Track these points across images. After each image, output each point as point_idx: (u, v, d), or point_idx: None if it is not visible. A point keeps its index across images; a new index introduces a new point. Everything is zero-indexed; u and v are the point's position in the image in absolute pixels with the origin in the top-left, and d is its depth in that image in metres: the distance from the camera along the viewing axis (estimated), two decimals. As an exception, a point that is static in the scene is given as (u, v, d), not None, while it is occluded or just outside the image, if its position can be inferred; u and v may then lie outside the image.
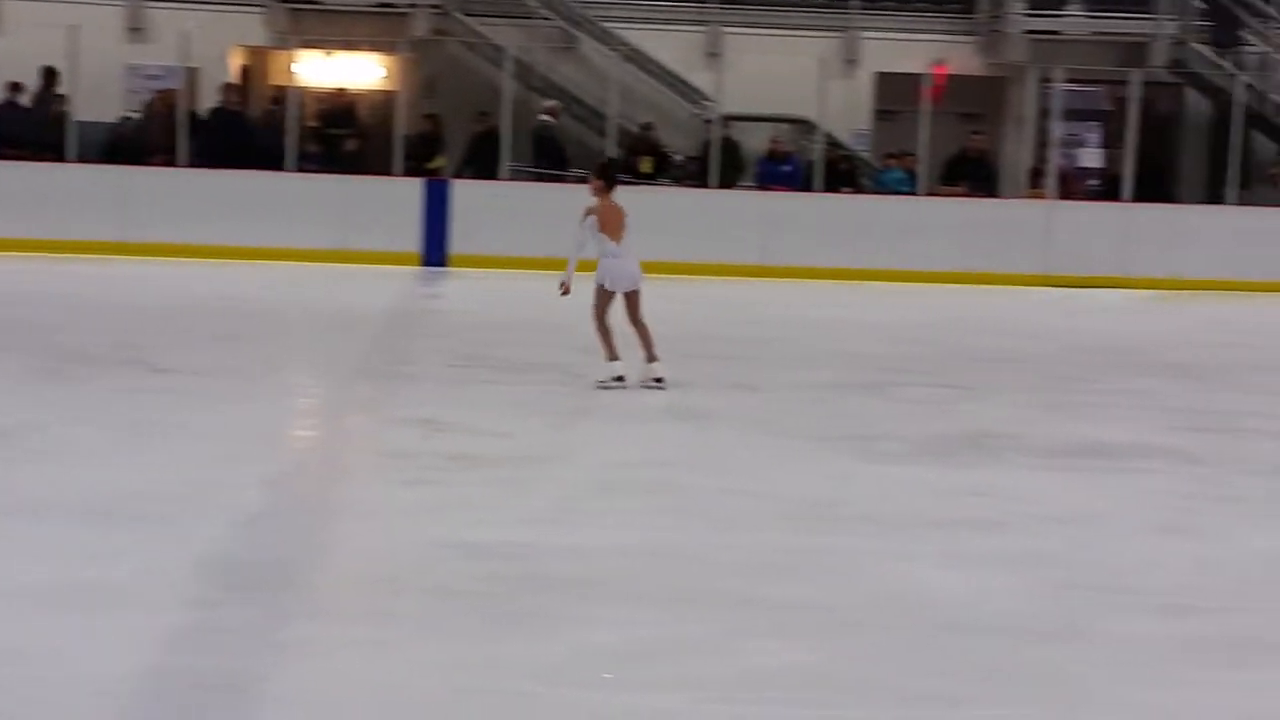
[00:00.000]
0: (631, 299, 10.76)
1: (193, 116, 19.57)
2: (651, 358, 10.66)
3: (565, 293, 10.74)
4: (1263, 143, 21.98)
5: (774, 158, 20.39)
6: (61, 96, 19.66)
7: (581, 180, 10.75)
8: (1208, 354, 14.13)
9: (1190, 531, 7.41)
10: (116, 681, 4.83)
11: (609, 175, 11.01)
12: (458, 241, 19.06)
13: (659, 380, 10.57)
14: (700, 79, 21.62)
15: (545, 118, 20.14)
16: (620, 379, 10.54)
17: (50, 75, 19.78)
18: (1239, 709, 5.05)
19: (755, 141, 21.05)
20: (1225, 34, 21.63)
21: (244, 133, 19.85)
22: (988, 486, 8.15)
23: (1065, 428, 9.94)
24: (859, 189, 20.72)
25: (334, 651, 5.22)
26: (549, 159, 19.85)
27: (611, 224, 10.68)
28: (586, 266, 10.79)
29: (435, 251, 19.02)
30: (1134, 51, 21.43)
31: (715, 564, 6.48)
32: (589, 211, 10.79)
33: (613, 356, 10.62)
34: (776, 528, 7.17)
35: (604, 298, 10.76)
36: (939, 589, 6.23)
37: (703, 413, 10.03)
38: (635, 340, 10.71)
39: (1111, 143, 22.57)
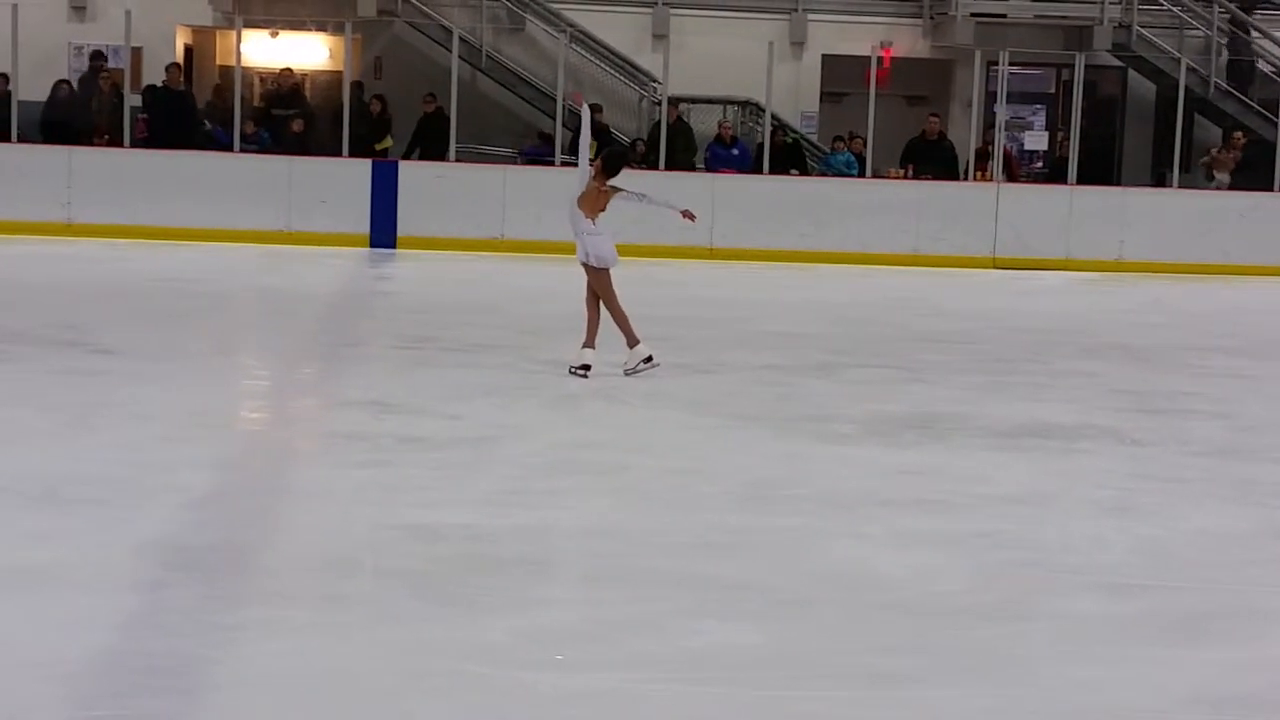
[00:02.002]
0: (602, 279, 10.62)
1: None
2: (588, 344, 10.53)
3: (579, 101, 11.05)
4: (1205, 126, 22.17)
5: (721, 142, 20.41)
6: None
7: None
8: (1151, 336, 14.26)
9: (1133, 511, 7.48)
10: (62, 665, 4.80)
11: (611, 164, 10.70)
12: (406, 223, 18.98)
13: (585, 369, 10.40)
14: (648, 61, 21.61)
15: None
16: (649, 359, 10.44)
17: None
18: (1181, 685, 5.12)
19: (704, 124, 21.08)
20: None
21: (188, 113, 19.72)
22: (934, 467, 8.20)
23: (1011, 409, 10.01)
24: (806, 171, 20.78)
25: (284, 634, 5.21)
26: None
27: (590, 203, 10.53)
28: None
29: (383, 233, 18.94)
30: (1078, 34, 21.57)
31: (664, 544, 6.51)
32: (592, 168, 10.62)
33: (634, 340, 10.47)
34: (725, 508, 7.20)
35: (603, 278, 10.51)
36: (885, 569, 6.27)
37: (651, 394, 10.04)
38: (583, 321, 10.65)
39: (1056, 125, 22.74)
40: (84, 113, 19.62)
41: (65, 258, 16.75)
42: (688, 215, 11.05)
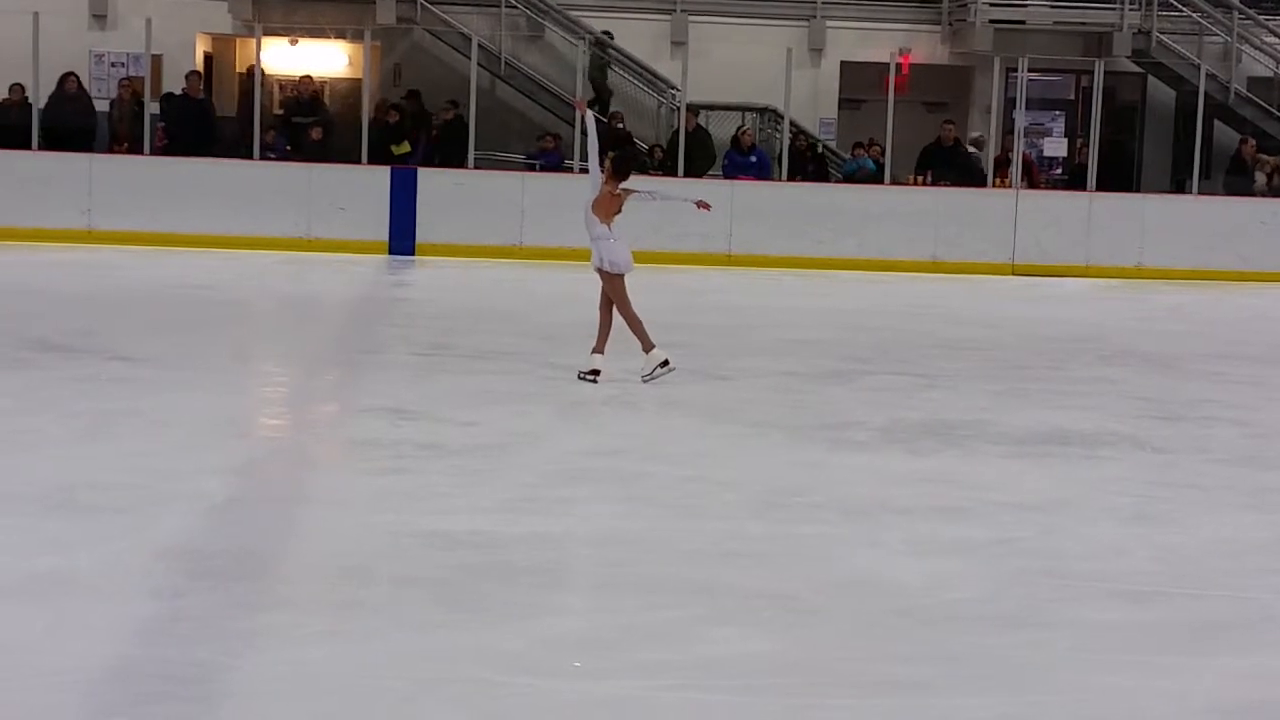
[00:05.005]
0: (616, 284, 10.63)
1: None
2: (598, 349, 10.52)
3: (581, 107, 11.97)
4: (1224, 131, 22.12)
5: (740, 149, 20.40)
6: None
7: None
8: (1170, 343, 14.23)
9: (1152, 519, 7.46)
10: (80, 672, 4.81)
11: (620, 166, 10.72)
12: (424, 230, 19.02)
13: (594, 374, 10.41)
14: (666, 68, 21.63)
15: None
16: (665, 363, 10.42)
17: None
18: (1200, 693, 5.10)
19: (722, 131, 21.08)
20: None
21: (208, 120, 19.79)
22: (952, 474, 8.19)
23: (1029, 416, 9.99)
24: (825, 178, 20.76)
25: (299, 641, 5.22)
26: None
27: (604, 208, 10.56)
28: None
29: (402, 240, 18.98)
30: (1098, 41, 21.54)
31: (680, 552, 6.50)
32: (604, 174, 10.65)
33: (649, 345, 10.46)
34: (741, 516, 7.19)
35: (617, 283, 10.52)
36: (903, 576, 6.25)
37: (669, 401, 10.03)
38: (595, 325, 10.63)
39: (1075, 132, 22.71)
40: (87, 111, 19.70)
41: (85, 265, 16.81)
42: (702, 205, 11.06)
